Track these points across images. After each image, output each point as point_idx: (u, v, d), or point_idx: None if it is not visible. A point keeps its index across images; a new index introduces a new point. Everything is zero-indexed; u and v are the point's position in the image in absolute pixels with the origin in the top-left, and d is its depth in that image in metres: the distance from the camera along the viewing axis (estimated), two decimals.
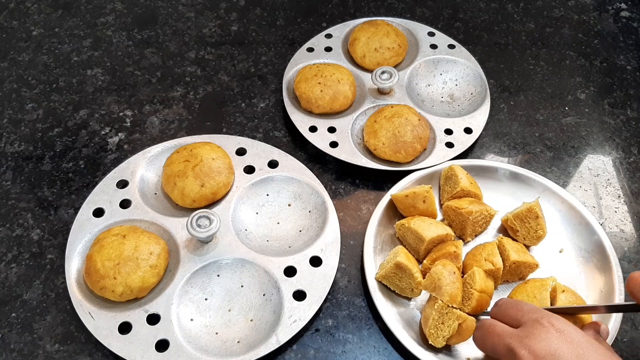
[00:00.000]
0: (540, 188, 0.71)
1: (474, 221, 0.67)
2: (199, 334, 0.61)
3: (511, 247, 0.65)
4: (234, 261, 0.65)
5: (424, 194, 0.67)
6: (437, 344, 0.58)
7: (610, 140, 0.81)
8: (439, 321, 0.58)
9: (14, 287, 0.66)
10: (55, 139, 0.79)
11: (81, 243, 0.66)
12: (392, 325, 0.60)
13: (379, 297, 0.63)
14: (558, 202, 0.70)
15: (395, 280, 0.63)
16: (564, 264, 0.67)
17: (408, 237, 0.67)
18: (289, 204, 0.72)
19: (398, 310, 0.63)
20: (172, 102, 0.84)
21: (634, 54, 0.91)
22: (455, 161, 0.73)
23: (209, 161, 0.69)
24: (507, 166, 0.73)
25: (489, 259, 0.63)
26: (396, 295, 0.64)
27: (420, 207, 0.68)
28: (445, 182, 0.71)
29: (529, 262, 0.64)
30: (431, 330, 0.58)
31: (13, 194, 0.73)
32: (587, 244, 0.68)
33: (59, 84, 0.86)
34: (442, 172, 0.72)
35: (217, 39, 0.93)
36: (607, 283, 0.64)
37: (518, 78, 0.88)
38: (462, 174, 0.70)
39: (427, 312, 0.59)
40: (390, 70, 0.79)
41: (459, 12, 0.97)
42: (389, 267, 0.62)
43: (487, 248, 0.65)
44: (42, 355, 0.61)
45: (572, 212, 0.69)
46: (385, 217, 0.69)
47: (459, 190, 0.68)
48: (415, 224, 0.65)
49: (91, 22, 0.95)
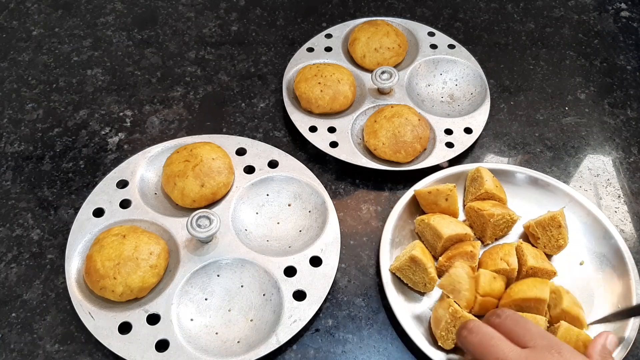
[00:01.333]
0: (566, 199, 0.70)
1: (494, 224, 0.66)
2: (199, 334, 0.61)
3: (530, 252, 0.64)
4: (234, 261, 0.65)
5: (447, 192, 0.67)
6: (447, 346, 0.59)
7: (610, 140, 0.81)
8: (451, 324, 0.58)
9: (14, 287, 0.66)
10: (55, 139, 0.79)
11: (81, 243, 0.66)
12: (402, 319, 0.61)
13: (391, 289, 0.63)
14: (584, 214, 0.69)
15: (409, 273, 0.63)
16: (583, 273, 0.67)
17: (427, 233, 0.67)
18: (289, 204, 0.72)
19: (409, 304, 0.63)
20: (172, 102, 0.84)
21: (634, 54, 0.91)
22: (483, 164, 0.73)
23: (209, 161, 0.69)
24: (536, 174, 0.72)
25: (504, 258, 0.63)
26: (409, 288, 0.64)
27: (442, 204, 0.68)
28: (471, 184, 0.71)
29: (547, 269, 0.63)
30: (442, 332, 0.58)
31: (13, 194, 0.73)
32: (606, 251, 0.67)
33: (59, 84, 0.86)
34: (468, 173, 0.72)
35: (217, 39, 0.93)
36: (624, 291, 0.63)
37: (518, 78, 0.88)
38: (488, 176, 0.69)
39: (440, 313, 0.59)
40: (390, 70, 0.79)
41: (459, 12, 0.97)
42: (404, 259, 0.63)
43: (504, 248, 0.64)
44: (42, 355, 0.61)
45: (597, 224, 0.68)
46: (407, 212, 0.70)
47: (483, 192, 0.68)
48: (434, 220, 0.65)
49: (91, 22, 0.95)
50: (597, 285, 0.66)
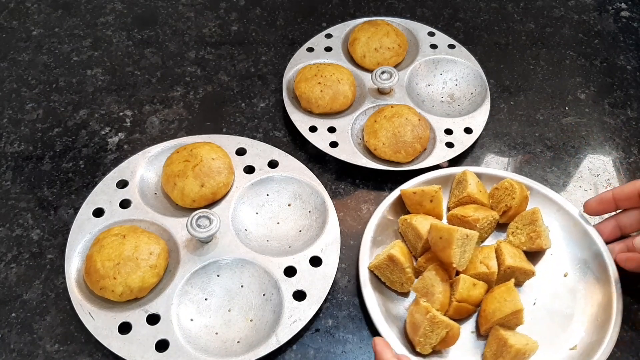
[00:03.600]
0: (554, 207, 0.69)
1: (480, 228, 0.66)
2: (199, 334, 0.61)
3: (508, 252, 0.64)
4: (233, 261, 0.65)
5: (432, 194, 0.67)
6: (424, 352, 0.58)
7: (610, 140, 0.81)
8: (429, 330, 0.57)
9: (14, 287, 0.66)
10: (55, 139, 0.79)
11: (81, 243, 0.66)
12: (376, 318, 0.60)
13: (369, 288, 0.63)
14: (570, 224, 0.68)
15: (387, 272, 0.63)
16: (566, 286, 0.65)
17: (409, 233, 0.67)
18: (288, 204, 0.72)
19: (385, 304, 0.63)
20: (172, 102, 0.84)
21: (634, 54, 0.91)
22: (471, 167, 0.72)
23: (208, 161, 0.69)
24: (525, 180, 0.71)
25: (484, 261, 0.63)
26: (386, 287, 0.65)
27: (426, 205, 0.68)
28: (456, 186, 0.71)
29: (525, 268, 0.63)
30: (421, 339, 0.58)
31: (13, 194, 0.73)
32: (589, 260, 0.66)
33: (59, 84, 0.86)
34: (456, 176, 0.72)
35: (217, 39, 0.93)
36: (605, 302, 0.62)
37: (518, 78, 0.88)
38: (473, 180, 0.69)
39: (417, 318, 0.58)
40: (390, 70, 0.79)
41: (459, 12, 0.97)
42: (382, 258, 0.63)
43: (484, 251, 0.64)
44: (42, 355, 0.61)
45: (580, 231, 0.67)
46: (393, 211, 0.69)
47: (465, 195, 0.68)
48: (416, 220, 0.65)
49: (91, 22, 0.95)
50: (580, 296, 0.64)
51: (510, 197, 0.67)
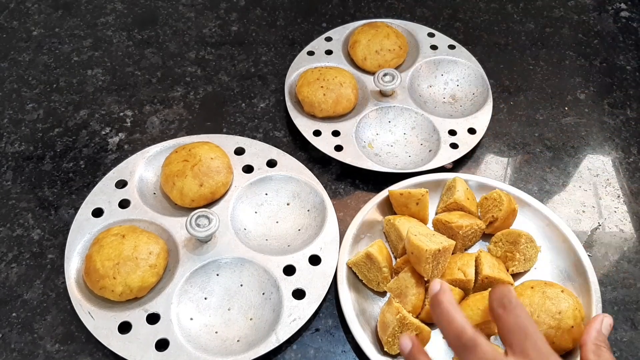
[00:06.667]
0: (545, 221, 0.68)
1: (463, 235, 0.65)
2: (199, 333, 0.61)
3: (487, 261, 0.63)
4: (233, 260, 0.65)
5: (419, 197, 0.67)
6: (392, 352, 0.58)
7: (610, 140, 0.81)
8: (398, 331, 0.57)
9: (15, 287, 0.66)
10: (55, 139, 0.79)
11: (80, 243, 0.66)
12: (348, 315, 0.60)
13: (344, 285, 0.63)
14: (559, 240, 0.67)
15: (364, 270, 0.64)
16: None
17: (392, 234, 0.67)
18: (287, 203, 0.72)
19: (360, 301, 0.63)
20: (172, 102, 0.84)
21: (633, 54, 0.91)
22: (467, 175, 0.72)
23: (207, 161, 0.69)
24: (513, 190, 0.70)
25: (462, 268, 0.62)
26: (363, 285, 0.65)
27: (412, 208, 0.68)
28: (445, 192, 0.71)
29: (502, 279, 0.62)
30: (389, 338, 0.58)
31: (13, 194, 0.74)
32: (570, 270, 0.65)
33: (59, 84, 0.86)
34: (447, 182, 0.72)
35: (217, 39, 0.93)
36: (585, 307, 0.61)
37: (518, 78, 0.88)
38: (462, 187, 0.69)
39: (387, 318, 0.58)
40: (392, 73, 0.79)
41: (458, 13, 0.98)
42: (361, 255, 0.63)
43: (463, 258, 0.63)
44: (43, 355, 0.61)
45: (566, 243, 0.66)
46: (380, 211, 0.70)
47: (452, 201, 0.68)
48: (400, 222, 0.65)
49: (91, 22, 0.95)
50: None
51: (497, 208, 0.66)
